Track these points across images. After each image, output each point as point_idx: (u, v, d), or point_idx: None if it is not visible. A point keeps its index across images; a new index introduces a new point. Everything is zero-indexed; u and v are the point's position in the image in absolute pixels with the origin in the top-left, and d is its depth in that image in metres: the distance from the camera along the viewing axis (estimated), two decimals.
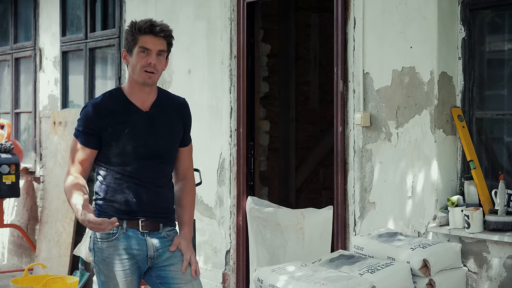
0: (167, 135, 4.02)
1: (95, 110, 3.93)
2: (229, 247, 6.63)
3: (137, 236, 3.96)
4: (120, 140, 3.92)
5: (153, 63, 3.90)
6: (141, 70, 3.90)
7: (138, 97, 3.98)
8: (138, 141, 3.93)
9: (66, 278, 6.51)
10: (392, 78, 5.25)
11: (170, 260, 4.01)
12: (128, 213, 3.93)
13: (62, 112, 8.91)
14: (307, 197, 8.64)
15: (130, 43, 3.93)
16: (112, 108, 3.95)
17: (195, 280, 4.05)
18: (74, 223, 8.30)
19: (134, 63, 3.92)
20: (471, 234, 4.74)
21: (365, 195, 5.44)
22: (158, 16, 7.38)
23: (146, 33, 3.91)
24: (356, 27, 5.48)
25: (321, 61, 8.74)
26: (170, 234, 4.07)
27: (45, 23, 9.39)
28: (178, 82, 7.10)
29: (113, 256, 3.94)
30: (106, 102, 3.98)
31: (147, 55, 3.90)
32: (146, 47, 3.90)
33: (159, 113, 4.01)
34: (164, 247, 4.02)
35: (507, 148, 5.00)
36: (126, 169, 3.93)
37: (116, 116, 3.93)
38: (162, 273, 4.02)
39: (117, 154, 3.93)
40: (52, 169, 8.87)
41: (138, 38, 3.91)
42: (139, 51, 3.90)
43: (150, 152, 3.94)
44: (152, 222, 3.98)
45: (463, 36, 5.04)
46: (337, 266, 4.56)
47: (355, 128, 5.50)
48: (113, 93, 4.04)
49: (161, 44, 3.94)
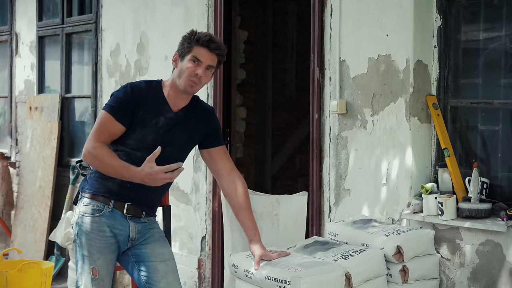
0: (184, 139, 4.18)
1: (134, 91, 4.09)
2: (205, 233, 6.64)
3: (121, 217, 4.09)
4: (144, 128, 4.06)
5: (200, 75, 4.04)
6: (187, 78, 4.04)
7: (173, 99, 4.14)
8: (158, 135, 4.08)
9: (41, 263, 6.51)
10: (368, 66, 5.27)
11: (148, 240, 4.17)
12: (117, 195, 4.07)
13: (38, 97, 8.87)
14: (283, 184, 8.68)
15: (185, 49, 4.07)
16: (148, 97, 4.09)
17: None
18: (50, 208, 8.28)
19: (183, 69, 4.06)
20: (444, 221, 4.78)
21: (340, 182, 5.47)
22: (135, 2, 7.37)
23: (202, 45, 4.05)
24: (333, 15, 5.49)
25: (298, 49, 8.76)
26: (151, 219, 4.24)
27: (22, 8, 9.32)
28: (155, 68, 7.09)
29: (96, 231, 4.06)
30: (145, 89, 4.13)
31: (197, 65, 4.04)
32: (199, 58, 4.04)
33: (185, 117, 4.17)
34: (145, 229, 4.18)
35: (481, 136, 5.04)
36: (136, 154, 4.05)
37: (149, 105, 4.08)
38: (137, 251, 4.17)
39: (135, 139, 4.07)
40: (28, 155, 8.83)
41: (194, 47, 4.05)
42: (190, 59, 4.04)
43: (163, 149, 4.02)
44: (136, 209, 4.13)
45: (439, 25, 5.07)
46: (311, 252, 4.58)
47: (331, 115, 5.52)
48: (153, 84, 4.17)
49: (212, 60, 4.08)
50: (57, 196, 8.36)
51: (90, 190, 4.11)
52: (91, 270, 4.05)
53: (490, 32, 4.96)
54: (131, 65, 7.42)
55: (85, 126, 8.45)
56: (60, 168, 8.43)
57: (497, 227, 4.56)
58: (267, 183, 8.60)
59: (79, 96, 8.50)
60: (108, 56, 7.77)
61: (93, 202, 4.08)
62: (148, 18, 7.22)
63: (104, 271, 4.08)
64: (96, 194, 4.09)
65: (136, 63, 7.37)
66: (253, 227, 4.31)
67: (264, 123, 8.57)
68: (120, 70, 7.59)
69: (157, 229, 4.26)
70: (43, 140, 8.60)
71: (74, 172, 7.81)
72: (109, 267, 4.11)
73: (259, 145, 8.55)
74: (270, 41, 8.58)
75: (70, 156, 8.55)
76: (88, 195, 4.11)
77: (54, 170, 8.37)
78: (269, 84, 8.58)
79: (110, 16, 7.79)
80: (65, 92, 8.62)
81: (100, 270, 4.06)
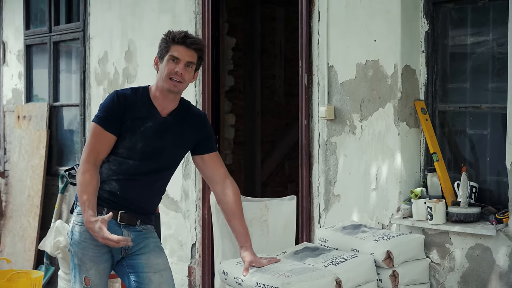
0: (174, 144, 4.15)
1: (121, 99, 4.07)
2: (195, 241, 6.63)
3: (114, 226, 4.04)
4: (134, 135, 4.04)
5: (180, 72, 4.03)
6: (167, 77, 4.04)
7: (160, 102, 4.11)
8: (148, 142, 4.05)
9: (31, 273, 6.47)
10: (356, 71, 5.27)
11: (143, 250, 4.13)
12: (110, 203, 4.03)
13: (26, 106, 8.85)
14: (273, 190, 8.68)
15: (163, 50, 4.08)
16: (136, 103, 4.07)
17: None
18: (39, 217, 8.26)
19: (162, 70, 4.06)
20: (434, 225, 4.78)
21: (329, 187, 5.47)
22: (123, 10, 7.36)
23: (178, 43, 4.04)
24: (321, 21, 5.50)
25: (287, 55, 8.77)
26: (146, 227, 4.19)
27: (9, 16, 9.31)
28: (143, 76, 7.08)
29: (89, 241, 4.02)
30: (132, 96, 4.11)
31: (176, 64, 4.04)
32: (176, 56, 4.03)
33: (174, 121, 4.14)
34: (139, 238, 4.13)
35: (469, 140, 5.04)
36: (128, 162, 4.04)
37: (137, 112, 4.06)
38: (133, 262, 4.12)
39: (126, 147, 4.05)
40: (17, 164, 8.80)
41: (170, 47, 4.05)
42: (169, 59, 4.04)
43: (153, 155, 4.05)
44: (131, 217, 4.09)
45: (426, 30, 5.08)
46: (301, 258, 4.58)
47: (319, 121, 5.52)
48: (140, 91, 4.15)
49: (191, 56, 4.07)
50: (46, 205, 8.33)
51: None
52: (83, 279, 4.03)
53: (478, 36, 4.97)
54: (119, 73, 7.41)
55: (74, 135, 8.42)
56: (49, 177, 8.41)
57: (487, 231, 4.56)
58: (257, 190, 8.60)
59: (68, 105, 8.48)
60: (96, 64, 7.76)
61: None
62: (135, 25, 7.22)
63: (96, 280, 4.05)
64: None
65: (124, 71, 7.36)
66: (245, 234, 4.29)
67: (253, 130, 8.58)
68: (108, 78, 7.58)
69: (153, 238, 4.21)
70: (32, 149, 8.58)
71: (63, 181, 7.79)
72: (102, 277, 4.07)
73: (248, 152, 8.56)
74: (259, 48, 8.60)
75: (58, 165, 8.53)
76: None
77: (43, 179, 8.35)
78: (257, 90, 8.59)
79: (97, 24, 7.78)
80: (53, 101, 8.60)
81: (93, 280, 4.03)
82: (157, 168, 4.09)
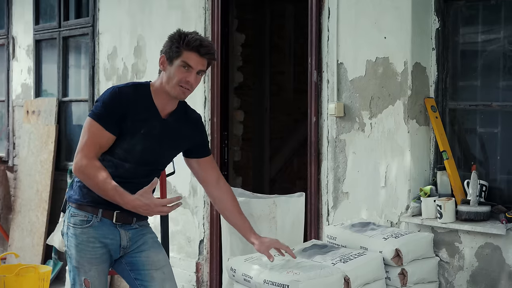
0: (172, 146, 4.08)
1: (123, 96, 3.89)
2: (203, 237, 6.62)
3: (110, 226, 3.97)
4: (133, 138, 3.90)
5: (192, 82, 3.89)
6: (177, 84, 3.88)
7: (161, 104, 3.97)
8: (147, 145, 3.94)
9: (39, 268, 6.48)
10: (366, 68, 5.26)
11: (142, 247, 4.06)
12: (105, 203, 3.89)
13: (35, 101, 8.86)
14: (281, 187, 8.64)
15: (174, 53, 3.90)
16: (136, 102, 3.91)
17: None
18: (47, 212, 8.26)
19: (172, 75, 3.89)
20: (443, 224, 4.77)
21: (338, 185, 5.45)
22: (132, 5, 7.35)
23: (192, 50, 3.88)
24: (331, 17, 5.48)
25: (296, 51, 8.74)
26: (142, 224, 4.11)
27: (18, 11, 9.31)
28: (152, 72, 7.07)
29: (85, 243, 3.94)
30: (133, 93, 3.94)
31: (188, 71, 3.88)
32: (189, 64, 3.88)
33: (174, 123, 4.03)
34: (137, 236, 4.06)
35: (479, 138, 5.02)
36: (124, 165, 3.92)
37: (138, 112, 3.90)
38: (132, 259, 4.05)
39: (124, 149, 3.91)
40: (25, 158, 8.81)
41: (183, 52, 3.88)
42: (180, 65, 3.88)
43: (150, 159, 3.97)
44: (126, 216, 3.98)
45: (437, 27, 5.06)
46: (310, 255, 4.56)
47: (328, 118, 5.50)
48: (142, 88, 3.99)
49: (203, 64, 3.92)
50: (54, 200, 8.34)
51: (78, 200, 3.96)
52: (83, 282, 3.96)
53: (489, 34, 4.95)
54: (128, 68, 7.41)
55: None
56: (58, 172, 8.42)
57: (496, 230, 4.54)
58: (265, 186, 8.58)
59: (76, 100, 8.48)
60: (105, 59, 7.75)
61: (81, 212, 3.94)
62: (145, 21, 7.20)
63: (96, 281, 3.98)
64: (83, 204, 3.94)
65: (133, 67, 7.35)
66: (248, 224, 4.24)
67: (262, 126, 8.55)
68: (117, 74, 7.58)
69: (150, 234, 4.14)
70: (41, 144, 8.58)
71: (71, 176, 7.79)
72: (101, 277, 4.00)
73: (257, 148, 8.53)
74: (268, 44, 8.57)
75: (67, 160, 8.53)
76: (75, 205, 3.97)
77: (52, 174, 8.36)
78: (266, 87, 8.57)
79: (107, 19, 7.77)
80: (62, 96, 8.60)
81: (93, 281, 3.96)
82: (152, 170, 4.00)
